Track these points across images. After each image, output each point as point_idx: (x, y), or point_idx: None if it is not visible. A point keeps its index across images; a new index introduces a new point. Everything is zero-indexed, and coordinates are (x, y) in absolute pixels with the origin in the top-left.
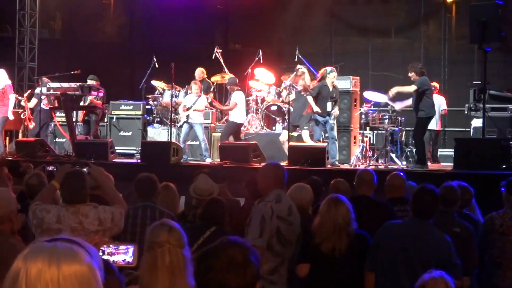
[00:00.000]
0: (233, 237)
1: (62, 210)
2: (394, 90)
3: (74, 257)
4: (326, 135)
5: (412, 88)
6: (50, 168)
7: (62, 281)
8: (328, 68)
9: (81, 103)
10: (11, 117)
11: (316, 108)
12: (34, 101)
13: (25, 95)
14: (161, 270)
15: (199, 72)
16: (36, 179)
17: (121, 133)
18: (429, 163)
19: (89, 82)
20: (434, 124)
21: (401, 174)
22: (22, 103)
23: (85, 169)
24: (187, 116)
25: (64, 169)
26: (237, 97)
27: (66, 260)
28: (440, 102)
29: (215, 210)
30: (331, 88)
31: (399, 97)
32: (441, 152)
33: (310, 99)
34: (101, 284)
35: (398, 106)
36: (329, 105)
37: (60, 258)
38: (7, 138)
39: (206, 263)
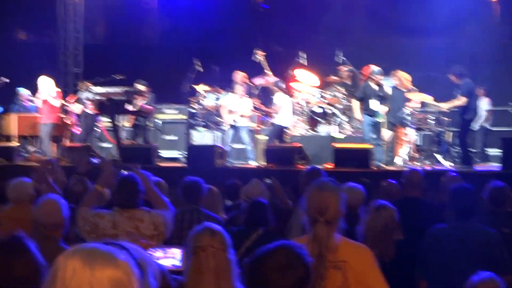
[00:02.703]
0: (280, 241)
1: (116, 215)
2: (446, 106)
3: (110, 261)
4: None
5: (462, 101)
6: (96, 160)
7: (94, 284)
8: (374, 68)
9: (131, 108)
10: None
11: (359, 116)
12: (79, 106)
13: (71, 101)
14: (206, 274)
15: (239, 75)
16: (81, 185)
17: (166, 137)
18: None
19: (136, 86)
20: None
21: (458, 175)
22: (68, 108)
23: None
24: (234, 120)
25: (107, 172)
26: (280, 99)
27: (102, 263)
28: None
29: (259, 212)
30: (376, 87)
31: None
32: (488, 151)
33: (355, 104)
34: None
35: (446, 106)
36: (372, 103)
37: (96, 260)
38: (54, 144)
39: (253, 265)
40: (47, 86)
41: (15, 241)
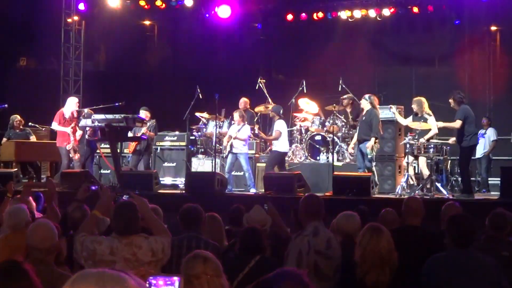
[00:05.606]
0: (283, 269)
1: (115, 242)
2: (440, 125)
3: (121, 283)
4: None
5: (457, 124)
6: (94, 187)
7: None
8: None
9: (131, 134)
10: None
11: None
12: (79, 132)
13: (71, 127)
14: None
15: (243, 102)
16: (79, 212)
17: (166, 164)
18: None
19: (141, 113)
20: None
21: (457, 204)
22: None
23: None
24: (231, 146)
25: (105, 198)
26: (280, 126)
27: (113, 285)
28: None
29: (254, 239)
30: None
31: None
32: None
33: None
34: None
35: (441, 124)
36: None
37: (107, 283)
38: (53, 170)
39: None
40: (66, 107)
41: (14, 265)
